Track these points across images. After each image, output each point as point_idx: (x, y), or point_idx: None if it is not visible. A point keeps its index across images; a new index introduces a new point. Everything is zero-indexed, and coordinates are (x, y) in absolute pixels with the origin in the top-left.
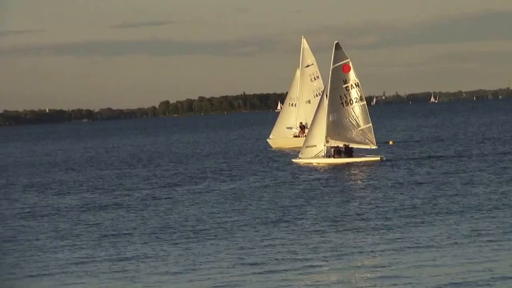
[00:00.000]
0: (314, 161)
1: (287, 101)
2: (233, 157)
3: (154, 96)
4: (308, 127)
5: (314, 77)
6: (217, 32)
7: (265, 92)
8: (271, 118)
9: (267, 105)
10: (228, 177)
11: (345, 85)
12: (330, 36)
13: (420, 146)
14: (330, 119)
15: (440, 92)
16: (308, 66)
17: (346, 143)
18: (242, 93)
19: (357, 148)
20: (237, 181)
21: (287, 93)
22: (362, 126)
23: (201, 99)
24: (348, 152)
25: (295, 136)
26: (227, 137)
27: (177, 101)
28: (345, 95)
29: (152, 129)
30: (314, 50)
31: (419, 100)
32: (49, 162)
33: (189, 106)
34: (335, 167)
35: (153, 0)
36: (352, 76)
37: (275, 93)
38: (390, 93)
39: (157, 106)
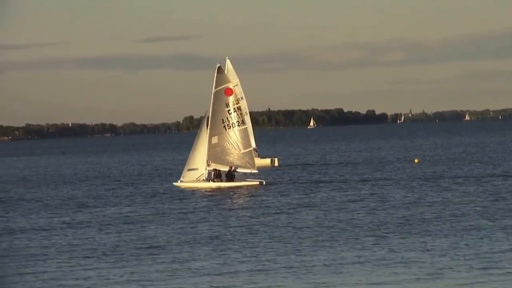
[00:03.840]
0: (195, 185)
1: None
2: None
3: (178, 111)
4: None
5: (239, 98)
6: (243, 48)
7: (290, 109)
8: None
9: (292, 122)
10: None
11: (227, 109)
12: (357, 52)
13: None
14: (212, 142)
15: (467, 111)
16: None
17: (231, 167)
18: (267, 109)
19: (239, 172)
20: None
21: (312, 109)
22: (243, 150)
23: None
24: (229, 176)
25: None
26: None
27: (201, 116)
28: (227, 118)
29: (176, 144)
30: (341, 67)
31: (445, 118)
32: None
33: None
34: (214, 191)
35: (178, 15)
36: (234, 100)
37: (300, 110)
38: (417, 110)
39: (181, 121)
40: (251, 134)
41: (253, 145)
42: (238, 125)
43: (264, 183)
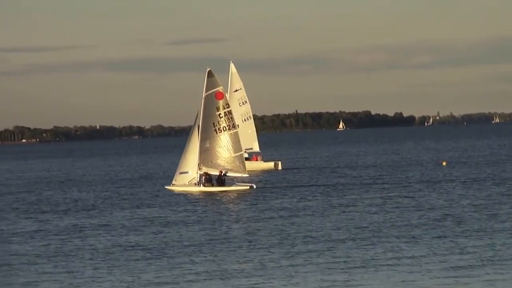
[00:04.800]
0: (186, 189)
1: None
2: None
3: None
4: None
5: (242, 102)
6: (270, 50)
7: (317, 111)
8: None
9: (319, 124)
10: None
11: (218, 112)
12: (385, 54)
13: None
14: (203, 146)
15: (496, 113)
16: (236, 90)
17: (222, 171)
18: (295, 112)
19: (230, 176)
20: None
21: (339, 111)
22: (234, 154)
23: (254, 117)
24: (220, 180)
25: None
26: None
27: None
28: (218, 122)
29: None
30: (369, 69)
31: (474, 121)
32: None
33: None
34: (205, 195)
35: (207, 18)
36: (224, 104)
37: (327, 112)
38: (445, 113)
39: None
40: (255, 138)
41: (257, 149)
42: (229, 129)
43: (255, 187)
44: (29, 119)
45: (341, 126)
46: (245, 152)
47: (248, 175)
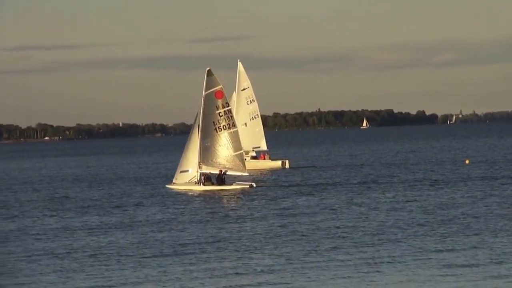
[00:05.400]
0: (186, 188)
1: None
2: None
3: None
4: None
5: (250, 100)
6: (293, 48)
7: (340, 109)
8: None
9: (342, 122)
10: None
11: (218, 111)
12: (407, 53)
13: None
14: (203, 145)
15: None
16: (244, 89)
17: (222, 170)
18: (317, 110)
19: (230, 174)
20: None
21: (362, 110)
22: (233, 153)
23: (276, 115)
24: (220, 179)
25: None
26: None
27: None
28: (218, 121)
29: None
30: (391, 67)
31: (496, 119)
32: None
33: (263, 122)
34: (205, 194)
35: (230, 16)
36: (223, 103)
37: (350, 110)
38: (468, 111)
39: None
40: (262, 136)
41: (265, 147)
42: (228, 128)
43: (255, 185)
44: (52, 116)
45: (364, 124)
46: (253, 150)
47: (248, 174)
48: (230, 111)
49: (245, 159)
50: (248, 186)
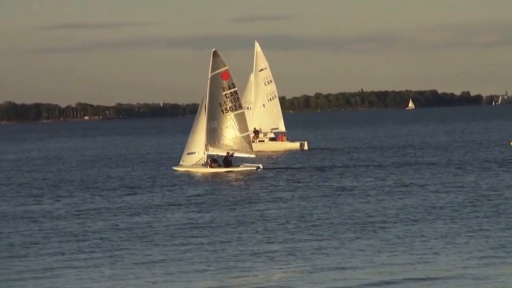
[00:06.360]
0: (193, 170)
1: (242, 104)
2: None
3: None
4: (262, 132)
5: (268, 81)
6: (336, 28)
7: (383, 90)
8: (390, 116)
9: (385, 103)
10: None
11: (224, 93)
12: (452, 33)
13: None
14: (210, 127)
15: None
16: (261, 70)
17: (229, 152)
18: (360, 90)
19: (237, 156)
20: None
21: (405, 90)
22: (240, 134)
23: (318, 95)
24: (227, 162)
25: None
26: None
27: (293, 97)
28: (224, 102)
29: None
30: (435, 47)
31: None
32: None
33: (305, 103)
34: (212, 176)
35: None
36: (230, 84)
37: (393, 91)
38: None
39: None
40: (280, 117)
41: (283, 128)
42: (235, 109)
43: (261, 167)
44: (92, 96)
45: (410, 105)
46: (271, 131)
47: (255, 156)
48: (236, 92)
49: (263, 141)
50: (255, 169)
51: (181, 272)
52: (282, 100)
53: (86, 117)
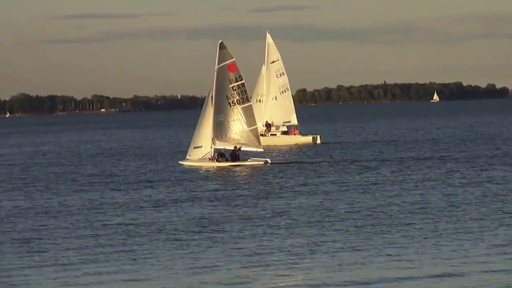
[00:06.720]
0: (200, 164)
1: (253, 97)
2: None
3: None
4: (274, 125)
5: (280, 73)
6: (359, 19)
7: (406, 82)
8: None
9: (409, 95)
10: None
11: (231, 85)
12: (477, 24)
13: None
14: (217, 120)
15: None
16: (273, 62)
17: (236, 146)
18: (383, 82)
19: (244, 150)
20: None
21: (429, 83)
22: (247, 128)
23: (340, 87)
24: (234, 156)
25: (261, 135)
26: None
27: (314, 90)
28: (232, 94)
29: None
30: (460, 39)
31: None
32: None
33: (327, 95)
34: (218, 170)
35: None
36: (237, 76)
37: (417, 83)
38: None
39: (293, 94)
40: (293, 110)
41: (295, 122)
42: (242, 102)
43: (270, 162)
44: (108, 88)
45: (435, 97)
46: (283, 125)
47: (262, 150)
48: (243, 84)
49: (275, 134)
50: (263, 163)
51: (203, 267)
52: (303, 92)
53: (102, 110)
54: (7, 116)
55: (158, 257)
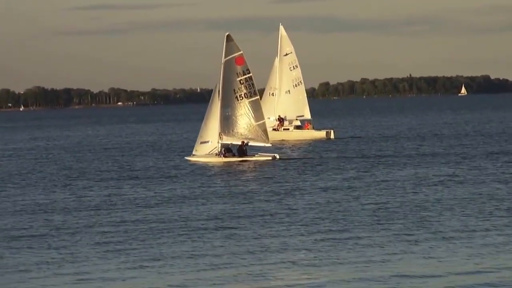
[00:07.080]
0: (206, 160)
1: (266, 90)
2: None
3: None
4: (287, 119)
5: (293, 66)
6: (383, 10)
7: (433, 75)
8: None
9: (435, 89)
10: None
11: (238, 79)
12: (505, 15)
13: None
14: (224, 114)
15: None
16: (286, 54)
17: (244, 141)
18: (408, 76)
19: (252, 145)
20: None
21: (456, 76)
22: (255, 123)
23: (364, 80)
24: (241, 151)
25: (274, 129)
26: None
27: (337, 83)
28: (239, 88)
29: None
30: (488, 31)
31: None
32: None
33: (350, 88)
34: (226, 166)
35: None
36: (245, 69)
37: (443, 76)
38: None
39: (316, 88)
40: (306, 104)
41: (308, 116)
42: (250, 96)
43: (278, 157)
44: (126, 81)
45: (463, 91)
46: (297, 119)
47: (271, 145)
48: (251, 78)
49: (288, 129)
50: (271, 158)
51: (224, 263)
52: (325, 85)
53: (119, 103)
54: (21, 109)
55: (178, 253)
